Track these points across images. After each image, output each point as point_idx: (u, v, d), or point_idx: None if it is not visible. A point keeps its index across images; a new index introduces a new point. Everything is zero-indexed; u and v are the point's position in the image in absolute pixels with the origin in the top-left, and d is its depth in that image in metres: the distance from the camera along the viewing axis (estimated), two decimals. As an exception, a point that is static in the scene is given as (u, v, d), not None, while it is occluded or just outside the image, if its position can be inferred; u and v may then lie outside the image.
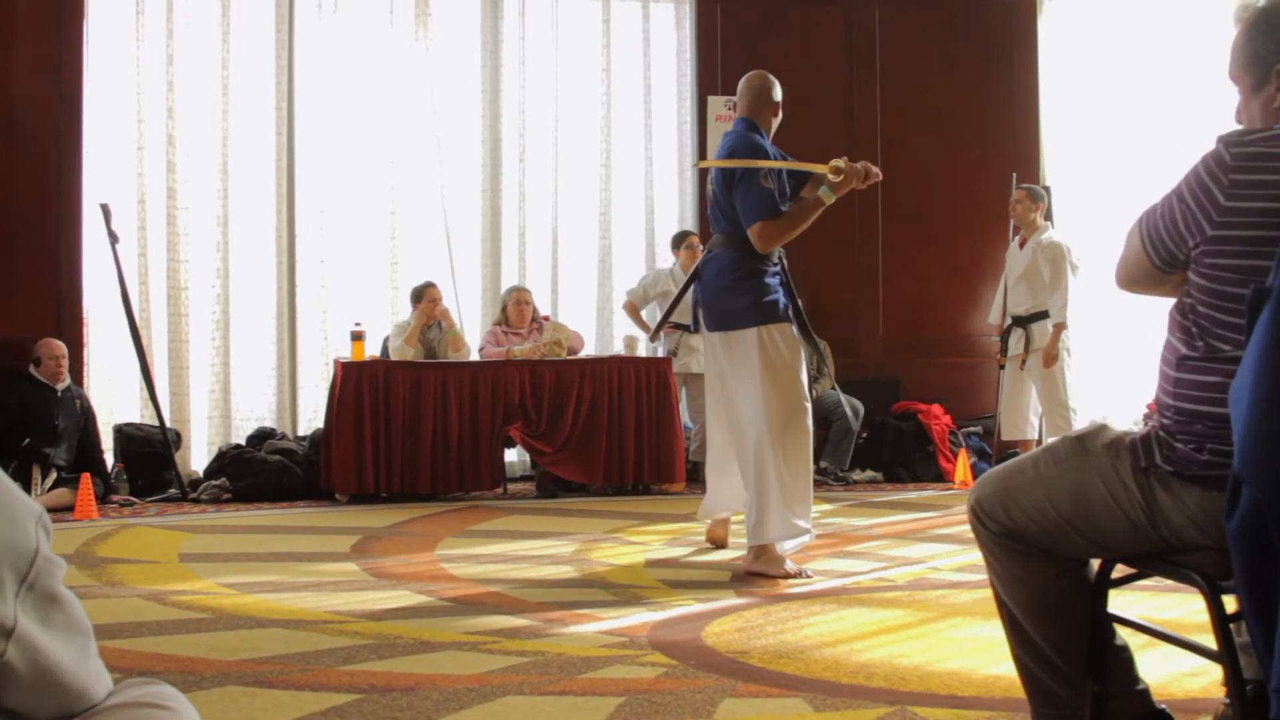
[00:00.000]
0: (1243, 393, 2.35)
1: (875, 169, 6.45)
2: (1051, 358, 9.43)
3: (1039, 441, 9.81)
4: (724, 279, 6.49)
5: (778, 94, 6.75)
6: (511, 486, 10.30)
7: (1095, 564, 2.97)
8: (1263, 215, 2.61)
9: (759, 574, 6.19)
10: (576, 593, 5.79)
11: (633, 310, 10.83)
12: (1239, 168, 2.65)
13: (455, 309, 10.88)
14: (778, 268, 6.57)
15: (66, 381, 9.55)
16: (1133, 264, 2.94)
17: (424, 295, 10.11)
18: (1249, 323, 2.35)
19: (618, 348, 10.83)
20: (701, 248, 10.80)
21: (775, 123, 6.75)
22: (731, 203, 6.45)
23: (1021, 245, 9.80)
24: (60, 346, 9.60)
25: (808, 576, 6.15)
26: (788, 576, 6.12)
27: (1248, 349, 2.35)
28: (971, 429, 11.42)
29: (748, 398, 6.36)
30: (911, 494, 10.11)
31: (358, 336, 9.69)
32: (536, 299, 10.65)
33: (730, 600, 5.60)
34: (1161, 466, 2.73)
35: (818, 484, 10.37)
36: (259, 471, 9.58)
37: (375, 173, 11.14)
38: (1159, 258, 2.83)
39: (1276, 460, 2.25)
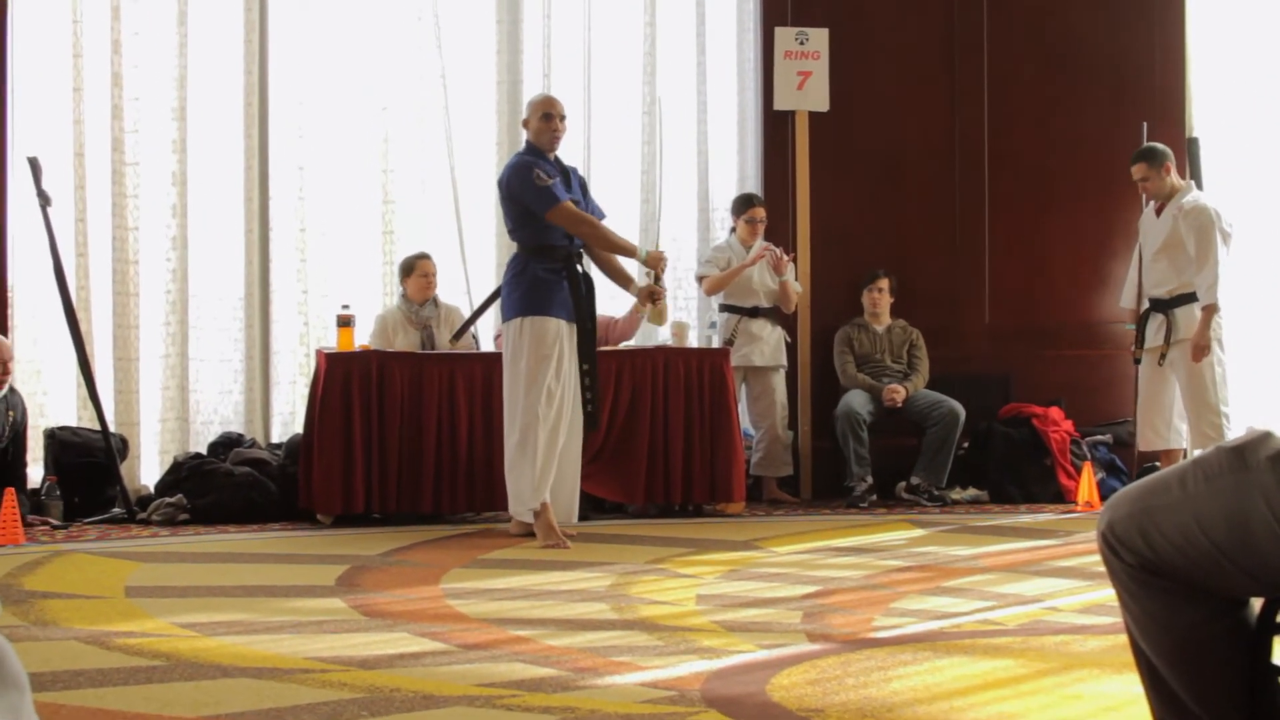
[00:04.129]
0: None
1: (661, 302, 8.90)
2: (1201, 349, 9.38)
3: (1186, 453, 9.78)
4: (507, 274, 8.78)
5: (528, 111, 8.83)
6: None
7: (1257, 604, 2.95)
8: None
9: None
10: (614, 636, 5.79)
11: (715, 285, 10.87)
12: None
13: (465, 286, 10.90)
14: (559, 266, 8.56)
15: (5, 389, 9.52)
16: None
17: (414, 269, 10.17)
18: None
19: (664, 335, 10.83)
20: (765, 223, 10.88)
21: (553, 132, 8.68)
22: (510, 212, 8.70)
23: (1159, 212, 9.76)
24: (7, 348, 9.53)
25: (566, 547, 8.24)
26: (548, 545, 8.27)
27: None
28: (1099, 438, 11.36)
29: (506, 382, 8.62)
30: (1024, 517, 10.07)
31: (345, 322, 9.73)
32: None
33: (801, 646, 5.60)
34: (1340, 484, 2.71)
35: (909, 504, 10.44)
36: (223, 487, 9.61)
37: (366, 122, 11.17)
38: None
39: None
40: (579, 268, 8.69)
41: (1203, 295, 9.39)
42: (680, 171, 11.60)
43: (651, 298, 8.94)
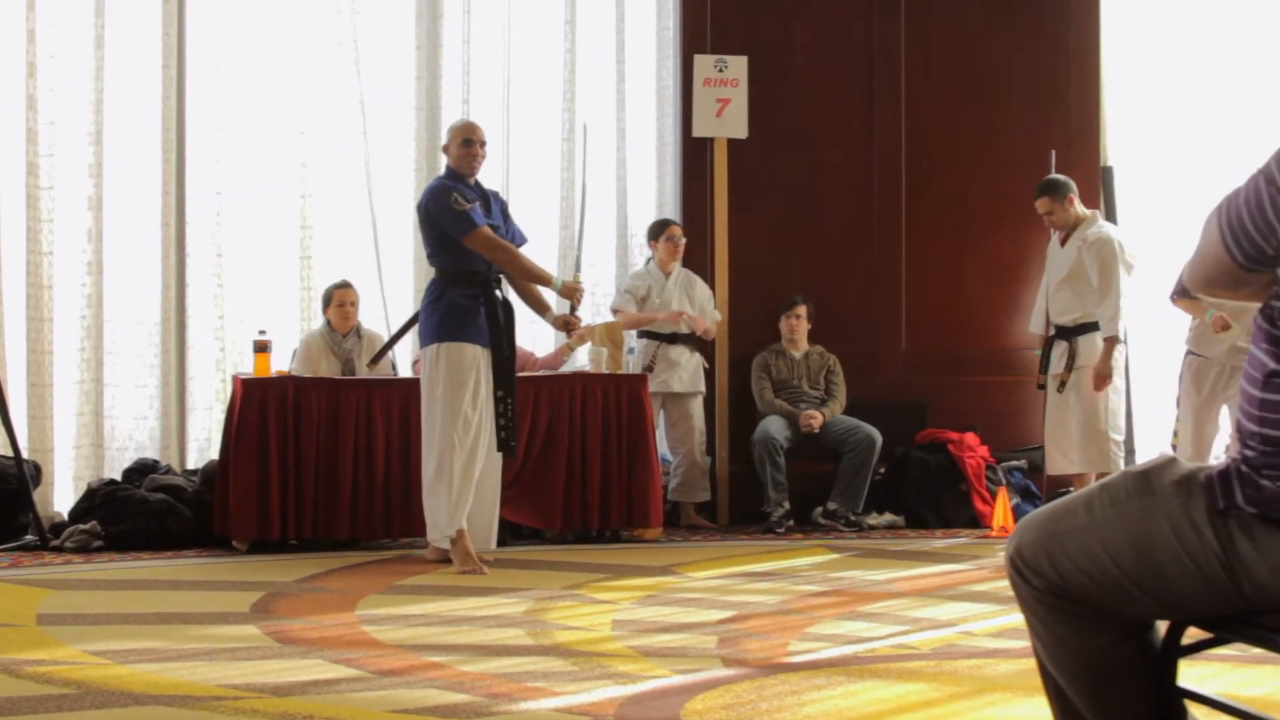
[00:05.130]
0: (1344, 417, 2.35)
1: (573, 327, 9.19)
2: (1103, 379, 9.48)
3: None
4: (425, 300, 8.77)
5: (448, 136, 8.80)
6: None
7: (1162, 628, 2.96)
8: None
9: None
10: (529, 662, 5.78)
11: (622, 331, 10.88)
12: (1342, 141, 2.66)
13: (383, 311, 10.88)
14: (477, 292, 8.56)
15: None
16: (1210, 260, 2.94)
17: (333, 298, 10.15)
18: (1352, 331, 2.35)
19: (581, 361, 10.82)
20: (684, 240, 10.90)
21: (473, 157, 8.67)
22: (428, 236, 8.67)
23: (1064, 242, 9.86)
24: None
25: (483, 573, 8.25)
26: (465, 571, 8.28)
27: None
28: (1014, 463, 11.43)
29: (424, 408, 8.59)
30: (940, 542, 10.14)
31: (262, 347, 9.67)
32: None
33: (716, 671, 5.60)
34: (1244, 508, 2.73)
35: (826, 529, 10.47)
36: (138, 513, 9.53)
37: (284, 147, 11.12)
38: (1242, 252, 2.83)
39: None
40: (497, 293, 8.64)
41: (1104, 327, 9.49)
42: (599, 197, 11.58)
43: (566, 327, 9.08)
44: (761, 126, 11.64)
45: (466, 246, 8.43)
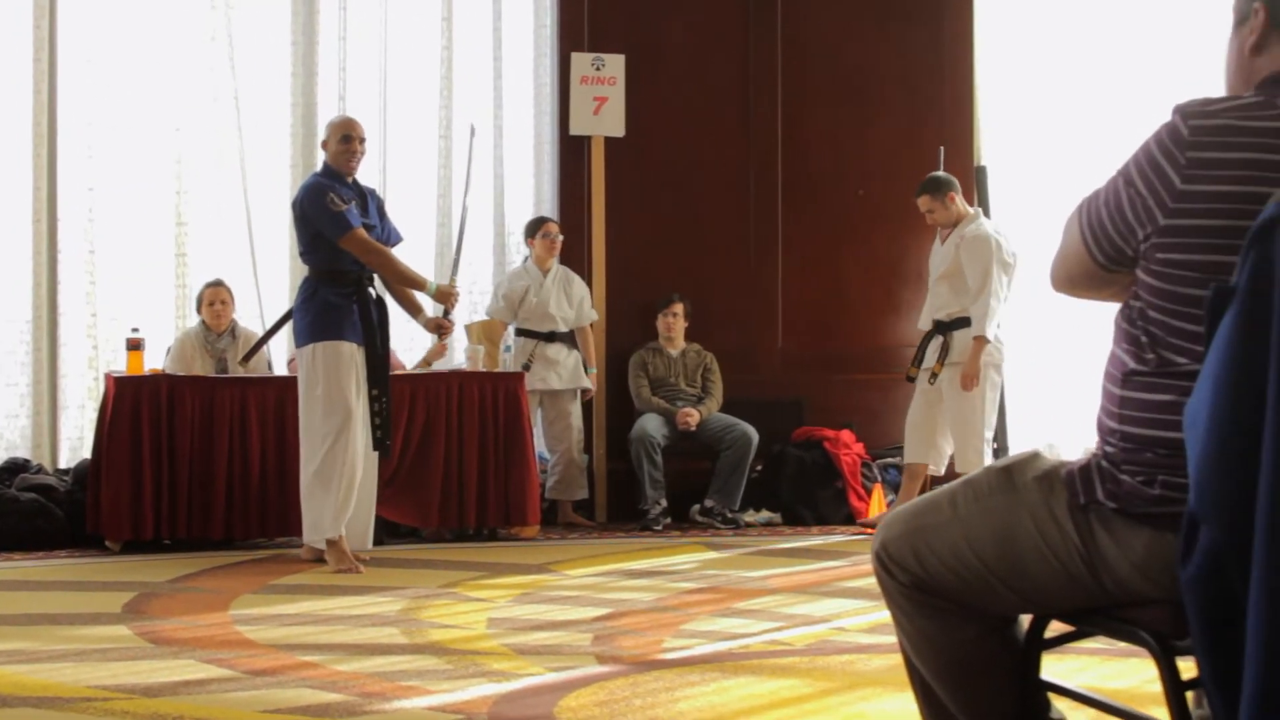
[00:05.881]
0: (1200, 414, 2.38)
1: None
2: (970, 378, 9.54)
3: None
4: (298, 299, 8.69)
5: (327, 133, 8.76)
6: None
7: (1026, 621, 3.00)
8: (1225, 200, 2.65)
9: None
10: (403, 661, 5.77)
11: (501, 330, 10.83)
12: (1198, 144, 2.69)
13: (258, 309, 10.80)
14: (349, 290, 8.49)
15: None
16: (1071, 260, 2.98)
17: (205, 298, 10.07)
18: (1208, 330, 2.39)
19: (459, 360, 10.79)
20: (561, 238, 10.89)
21: (352, 154, 8.64)
22: (302, 234, 8.59)
23: (945, 239, 9.93)
24: None
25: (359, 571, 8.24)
26: (341, 570, 8.21)
27: (1206, 361, 2.39)
28: (889, 460, 11.49)
29: (302, 408, 8.52)
30: (815, 539, 10.17)
31: (135, 345, 9.56)
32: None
33: (590, 669, 5.61)
34: (1104, 503, 2.76)
35: (703, 527, 10.50)
36: (8, 513, 9.40)
37: (158, 142, 10.99)
38: (1102, 253, 2.86)
39: (1239, 494, 2.28)
40: (371, 291, 8.61)
41: (975, 325, 9.56)
42: (476, 195, 11.52)
43: (439, 330, 9.14)
44: (639, 125, 11.65)
45: (340, 247, 8.39)
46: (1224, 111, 2.71)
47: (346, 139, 8.57)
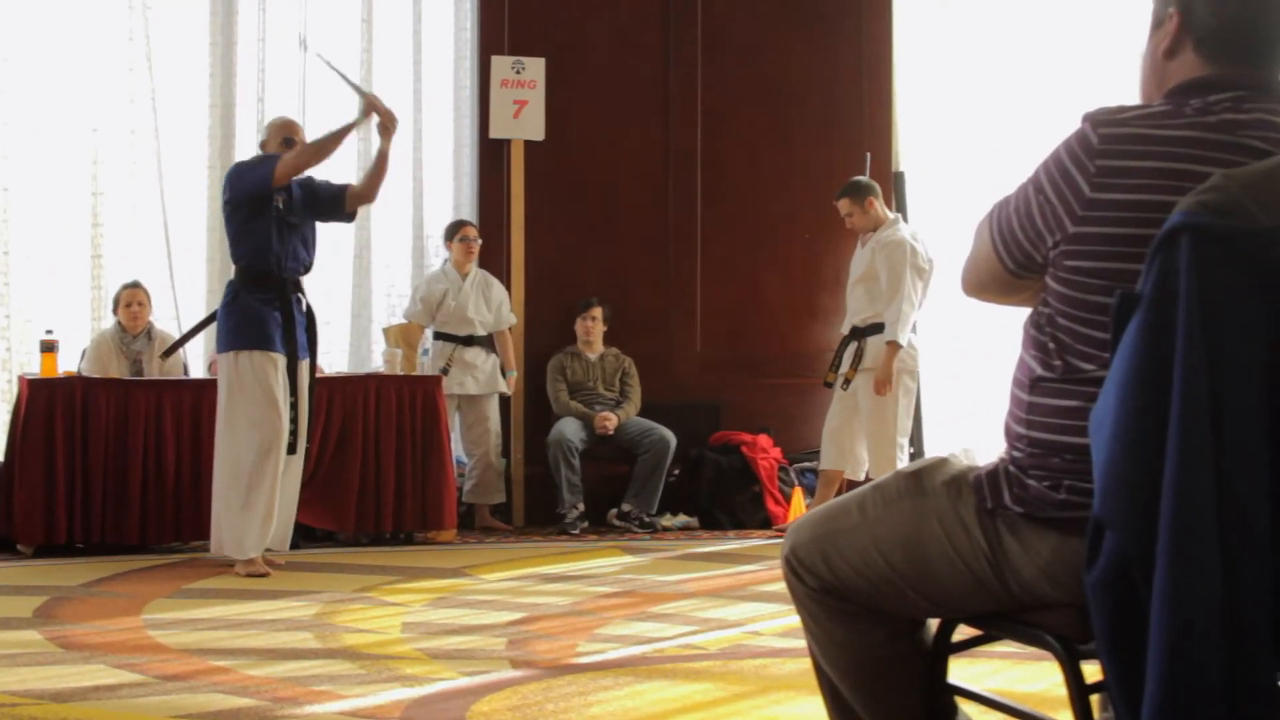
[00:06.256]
0: (1105, 420, 2.40)
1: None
2: (882, 384, 9.55)
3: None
4: (221, 302, 8.53)
5: (268, 133, 8.67)
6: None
7: (934, 625, 3.01)
8: (1133, 209, 2.66)
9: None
10: (316, 665, 5.74)
11: (419, 334, 10.78)
12: (1107, 152, 2.70)
13: (174, 311, 10.72)
14: (271, 296, 8.29)
15: None
16: (981, 266, 2.99)
17: (121, 299, 10.00)
18: (1114, 336, 2.40)
19: (376, 363, 10.75)
20: (479, 241, 10.86)
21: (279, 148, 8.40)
22: (230, 223, 8.44)
23: (864, 244, 9.96)
24: None
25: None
26: (249, 575, 8.13)
27: (1111, 368, 2.41)
28: (807, 464, 11.51)
29: (221, 415, 8.34)
30: (733, 543, 10.19)
31: (49, 348, 9.48)
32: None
33: (504, 673, 5.60)
34: (1011, 508, 2.77)
35: (620, 531, 10.50)
36: (-82, 516, 9.32)
37: (74, 142, 10.89)
38: (1012, 259, 2.88)
39: (1143, 500, 2.30)
40: (299, 297, 8.49)
41: (888, 331, 9.58)
42: (394, 198, 11.49)
43: (385, 131, 8.63)
44: (559, 128, 11.64)
45: (277, 184, 8.19)
46: (1133, 120, 2.72)
47: (289, 141, 8.45)
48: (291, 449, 8.45)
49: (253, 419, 8.19)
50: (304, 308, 8.57)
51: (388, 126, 8.53)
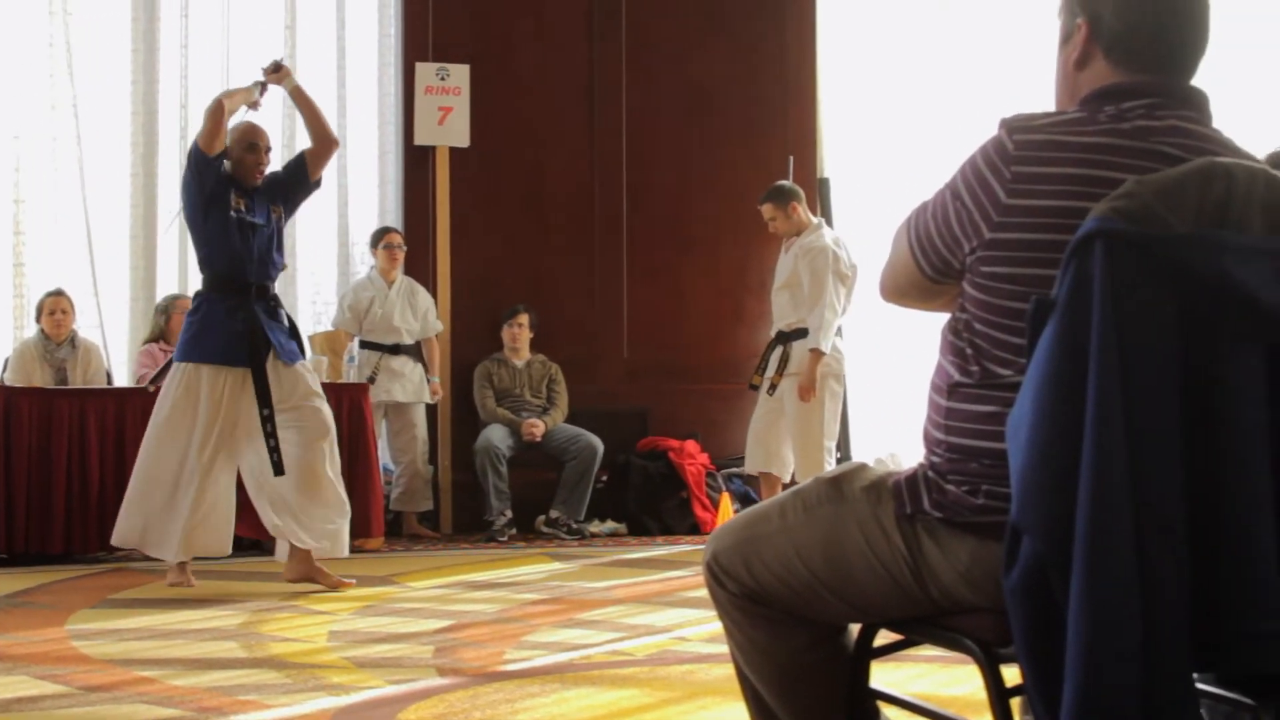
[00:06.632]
0: (1021, 425, 2.42)
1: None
2: (806, 390, 9.55)
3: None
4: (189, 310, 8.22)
5: (230, 138, 8.02)
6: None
7: (855, 630, 3.02)
8: (1049, 215, 2.67)
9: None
10: (241, 675, 5.71)
11: (345, 341, 10.73)
12: (1023, 158, 2.71)
13: (98, 322, 10.65)
14: (235, 305, 7.87)
15: None
16: (899, 271, 3.00)
17: (44, 307, 9.93)
18: (1029, 342, 2.42)
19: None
20: (405, 248, 10.84)
21: (257, 164, 8.02)
22: (190, 222, 8.11)
23: (787, 249, 9.98)
24: None
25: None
26: (174, 584, 7.90)
27: (1028, 373, 2.42)
28: (734, 470, 11.53)
29: (152, 419, 7.98)
30: (660, 549, 10.21)
31: (-30, 356, 9.43)
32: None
33: (431, 681, 5.59)
34: (930, 513, 2.78)
35: (548, 537, 10.50)
36: None
37: (-5, 150, 10.84)
38: (930, 265, 2.89)
39: (1059, 505, 2.32)
40: (270, 303, 8.09)
41: (810, 337, 9.55)
42: (319, 204, 11.42)
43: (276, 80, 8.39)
44: (484, 135, 11.64)
45: (218, 156, 7.84)
46: (1048, 126, 2.74)
47: (252, 147, 8.03)
48: (279, 470, 7.98)
49: (170, 427, 7.85)
50: (280, 313, 8.14)
51: (275, 71, 8.31)
